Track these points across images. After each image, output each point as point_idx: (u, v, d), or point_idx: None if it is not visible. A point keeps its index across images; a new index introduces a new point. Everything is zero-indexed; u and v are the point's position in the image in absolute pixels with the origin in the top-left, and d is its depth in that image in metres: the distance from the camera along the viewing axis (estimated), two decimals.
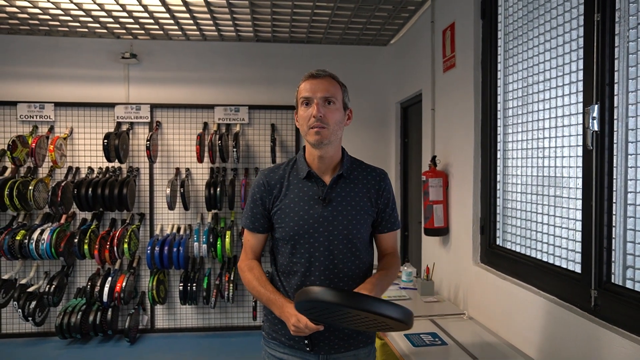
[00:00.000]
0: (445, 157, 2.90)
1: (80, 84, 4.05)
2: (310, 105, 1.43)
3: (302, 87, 1.47)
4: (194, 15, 3.48)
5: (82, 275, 4.09)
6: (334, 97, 1.44)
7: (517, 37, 2.26)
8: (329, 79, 1.47)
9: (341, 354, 1.47)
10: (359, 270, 1.48)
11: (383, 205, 1.53)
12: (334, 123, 1.43)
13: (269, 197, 1.49)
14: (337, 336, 1.46)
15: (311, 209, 1.44)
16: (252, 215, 1.52)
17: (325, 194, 1.45)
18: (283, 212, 1.46)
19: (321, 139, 1.41)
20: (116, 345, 3.88)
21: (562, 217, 1.91)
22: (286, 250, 1.47)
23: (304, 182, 1.48)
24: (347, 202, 1.46)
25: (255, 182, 1.53)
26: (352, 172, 1.52)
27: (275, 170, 1.53)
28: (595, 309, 1.62)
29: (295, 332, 1.34)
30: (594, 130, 1.62)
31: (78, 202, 3.71)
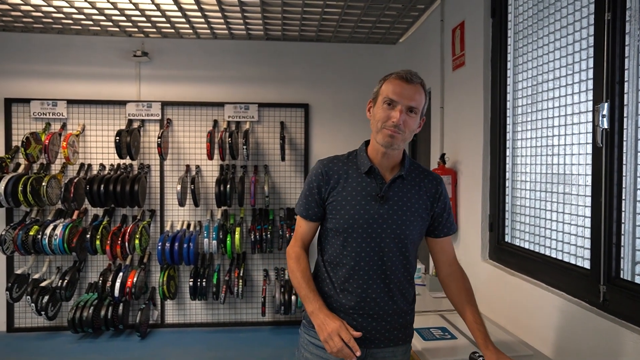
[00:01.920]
0: (454, 154, 2.93)
1: (93, 81, 4.11)
2: (392, 107, 1.41)
3: (390, 86, 1.43)
4: (205, 14, 3.53)
5: (94, 271, 4.15)
6: (417, 108, 1.43)
7: (526, 35, 2.28)
8: (419, 87, 1.44)
9: (380, 349, 1.49)
10: (405, 270, 1.50)
11: (440, 210, 1.54)
12: (409, 131, 1.43)
13: (325, 186, 1.50)
14: (379, 331, 1.48)
15: (367, 204, 1.45)
16: (306, 203, 1.53)
17: (383, 192, 1.46)
18: (339, 204, 1.47)
19: (392, 142, 1.42)
20: (127, 340, 3.94)
21: (571, 214, 1.93)
22: (337, 242, 1.49)
23: (364, 177, 1.48)
24: (403, 202, 1.47)
25: (313, 170, 1.54)
26: (411, 174, 1.52)
27: (335, 161, 1.54)
28: (604, 304, 1.65)
29: (326, 342, 1.35)
30: (603, 128, 1.64)
31: (90, 198, 3.77)
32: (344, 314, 1.47)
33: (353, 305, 1.46)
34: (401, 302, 1.50)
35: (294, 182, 4.29)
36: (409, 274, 1.52)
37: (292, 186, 4.29)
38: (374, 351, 1.48)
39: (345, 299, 1.47)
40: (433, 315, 2.23)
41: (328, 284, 1.51)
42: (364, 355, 1.47)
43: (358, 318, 1.46)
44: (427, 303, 2.46)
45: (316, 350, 1.50)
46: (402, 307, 1.50)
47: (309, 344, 1.53)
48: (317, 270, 1.58)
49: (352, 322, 1.46)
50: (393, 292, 1.47)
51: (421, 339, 1.90)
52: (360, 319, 1.46)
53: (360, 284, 1.46)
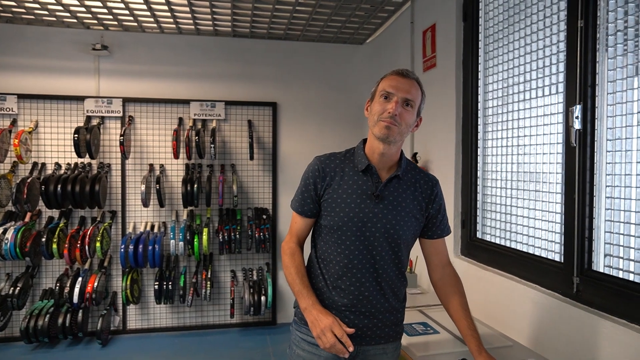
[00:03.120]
0: (425, 153, 3.00)
1: (46, 75, 3.87)
2: (389, 100, 1.43)
3: (386, 81, 1.46)
4: (172, 8, 3.41)
5: (49, 277, 3.91)
6: (413, 101, 1.45)
7: (497, 39, 2.37)
8: (414, 82, 1.47)
9: (372, 346, 1.50)
10: (397, 268, 1.51)
11: (434, 212, 1.55)
12: (405, 124, 1.44)
13: (321, 183, 1.50)
14: (371, 329, 1.49)
15: (363, 203, 1.46)
16: (302, 199, 1.54)
17: (379, 191, 1.47)
18: (334, 202, 1.47)
19: (388, 134, 1.42)
20: (87, 348, 3.75)
21: (542, 210, 2.04)
22: (331, 239, 1.49)
23: (360, 175, 1.49)
24: (398, 202, 1.48)
25: (310, 166, 1.55)
26: (407, 174, 1.53)
27: (332, 158, 1.54)
28: (577, 294, 1.75)
29: (319, 337, 1.37)
30: (577, 128, 1.74)
31: (46, 200, 3.55)
32: (336, 311, 1.47)
33: (345, 303, 1.47)
34: (393, 300, 1.52)
35: (262, 182, 4.24)
36: (401, 272, 1.54)
37: (261, 185, 4.24)
38: (366, 348, 1.50)
39: (338, 296, 1.48)
40: (412, 311, 2.28)
41: (321, 280, 1.52)
42: (355, 352, 1.48)
43: (350, 315, 1.47)
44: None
45: (308, 347, 1.50)
46: (393, 305, 1.52)
47: (301, 340, 1.53)
48: (311, 266, 1.58)
49: (344, 319, 1.47)
50: (385, 290, 1.49)
51: (405, 334, 1.93)
52: (352, 316, 1.47)
53: (353, 281, 1.47)
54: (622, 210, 1.63)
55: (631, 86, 1.60)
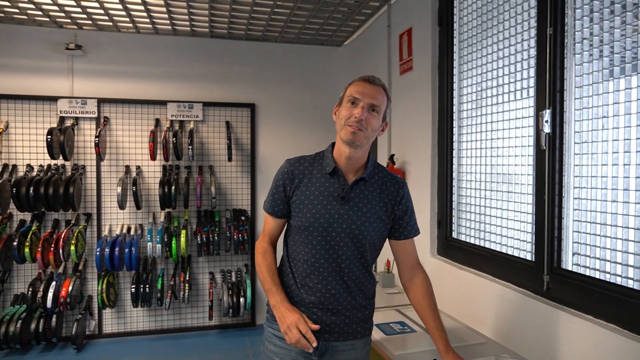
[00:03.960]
0: (403, 155, 3.05)
1: (17, 75, 3.77)
2: (355, 106, 1.49)
3: (352, 87, 1.52)
4: (149, 8, 3.37)
5: (20, 281, 3.81)
6: (379, 107, 1.50)
7: (472, 44, 2.43)
8: (380, 88, 1.52)
9: (340, 342, 1.54)
10: (363, 267, 1.56)
11: (401, 213, 1.59)
12: (371, 129, 1.49)
13: (290, 185, 1.56)
14: (339, 325, 1.53)
15: (329, 204, 1.51)
16: (273, 200, 1.60)
17: (344, 193, 1.52)
18: (302, 203, 1.53)
19: (354, 139, 1.47)
20: (61, 353, 3.67)
21: (514, 211, 2.10)
22: (299, 239, 1.55)
23: (327, 177, 1.54)
24: (364, 204, 1.53)
25: (280, 169, 1.61)
26: (374, 176, 1.58)
27: (301, 161, 1.60)
28: (547, 292, 1.81)
29: (286, 332, 1.43)
30: (547, 132, 1.80)
31: (17, 202, 3.45)
32: (305, 308, 1.53)
33: (313, 300, 1.52)
34: (360, 298, 1.57)
35: (240, 183, 4.22)
36: (368, 271, 1.59)
37: (239, 187, 4.22)
38: (334, 344, 1.54)
39: (306, 294, 1.53)
40: (390, 310, 2.32)
41: (290, 278, 1.57)
42: (324, 348, 1.53)
43: (318, 312, 1.52)
44: (382, 299, 2.55)
45: (279, 342, 1.55)
46: (360, 302, 1.57)
47: (273, 336, 1.58)
48: (282, 264, 1.64)
49: (312, 315, 1.52)
50: (351, 289, 1.54)
51: (383, 333, 1.97)
52: (320, 312, 1.52)
53: (320, 279, 1.52)
54: (589, 211, 1.70)
55: (597, 92, 1.67)
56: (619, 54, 1.57)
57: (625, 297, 1.49)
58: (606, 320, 1.55)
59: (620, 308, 1.50)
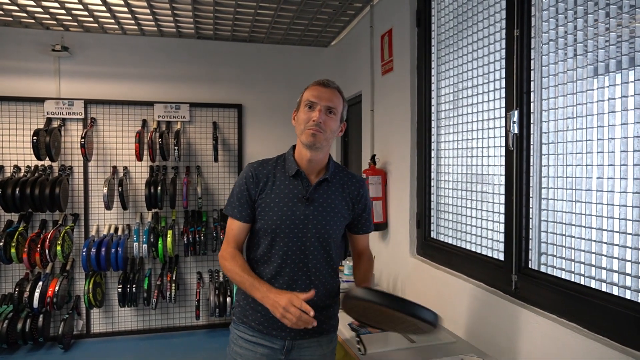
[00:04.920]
0: (384, 155, 3.07)
1: (4, 76, 3.79)
2: (313, 109, 1.52)
3: (308, 91, 1.56)
4: (133, 10, 3.39)
5: (8, 281, 3.83)
6: (336, 109, 1.55)
7: (448, 45, 2.45)
8: (335, 91, 1.57)
9: (306, 339, 1.57)
10: (328, 266, 1.60)
11: (360, 210, 1.66)
12: (330, 131, 1.53)
13: (255, 189, 1.56)
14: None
15: (294, 206, 1.53)
16: (238, 205, 1.58)
17: (309, 194, 1.55)
18: (267, 206, 1.54)
19: (315, 141, 1.51)
20: (48, 353, 3.69)
21: (488, 211, 2.12)
22: (265, 241, 1.56)
23: (291, 180, 1.57)
24: (328, 204, 1.57)
25: (243, 173, 1.61)
26: (335, 176, 1.63)
27: (264, 164, 1.61)
28: (515, 291, 1.83)
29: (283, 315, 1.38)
30: (514, 133, 1.82)
31: (4, 203, 3.48)
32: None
33: None
34: (324, 296, 1.60)
35: (227, 183, 4.24)
36: (332, 269, 1.63)
37: (226, 187, 4.24)
38: (300, 342, 1.57)
39: None
40: None
41: None
42: (290, 346, 1.56)
43: None
44: None
45: (245, 344, 1.57)
46: (325, 301, 1.60)
47: (239, 338, 1.59)
48: None
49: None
50: (317, 287, 1.56)
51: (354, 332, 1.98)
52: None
53: (286, 280, 1.55)
54: (556, 211, 1.71)
55: (563, 93, 1.68)
56: (582, 56, 1.58)
57: (587, 297, 1.50)
58: (569, 319, 1.56)
59: (582, 308, 1.51)
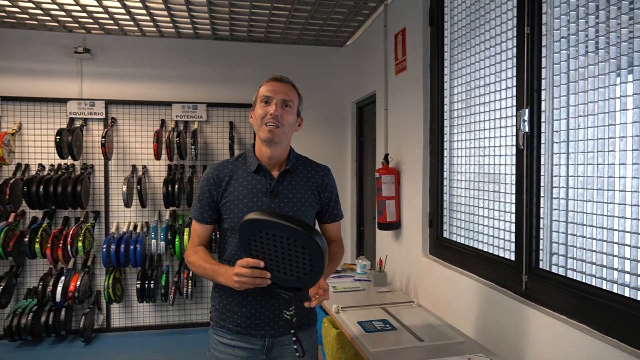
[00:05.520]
0: (398, 155, 3.06)
1: (30, 78, 3.92)
2: (269, 104, 1.53)
3: (263, 87, 1.58)
4: (151, 12, 3.47)
5: (33, 276, 3.97)
6: (292, 102, 1.57)
7: (461, 44, 2.43)
8: (289, 85, 1.60)
9: (285, 336, 1.58)
10: None
11: (327, 199, 1.67)
12: (287, 124, 1.55)
13: (217, 189, 1.57)
14: (281, 318, 1.56)
15: (259, 200, 1.54)
16: (200, 207, 1.59)
17: (272, 187, 1.56)
18: (232, 204, 1.54)
19: (273, 136, 1.52)
20: (70, 346, 3.81)
21: (499, 211, 2.10)
22: (234, 240, 1.56)
23: (253, 175, 1.57)
24: (293, 194, 1.58)
25: (204, 175, 1.61)
26: (298, 167, 1.64)
27: (225, 164, 1.62)
28: (525, 292, 1.81)
29: (239, 281, 1.37)
30: (524, 131, 1.80)
31: (28, 200, 3.61)
32: (246, 309, 1.54)
33: (254, 297, 1.54)
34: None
35: None
36: None
37: None
38: (280, 339, 1.58)
39: (246, 292, 1.54)
40: (376, 308, 2.35)
41: None
42: (270, 344, 1.56)
43: (261, 309, 1.54)
44: (371, 297, 2.57)
45: (224, 349, 1.57)
46: (300, 295, 1.54)
47: (218, 343, 1.59)
48: None
49: (256, 313, 1.54)
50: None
51: (363, 330, 2.00)
52: (263, 309, 1.54)
53: None
54: (567, 211, 1.69)
55: (574, 90, 1.65)
56: (594, 53, 1.56)
57: (599, 298, 1.48)
58: (579, 320, 1.54)
59: (593, 309, 1.49)
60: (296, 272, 1.37)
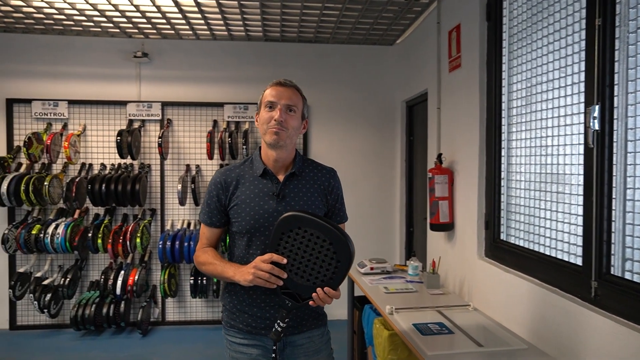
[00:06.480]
0: (451, 154, 2.99)
1: (93, 82, 4.15)
2: (273, 109, 1.55)
3: (268, 92, 1.59)
4: (205, 15, 3.57)
5: (95, 269, 4.19)
6: (296, 107, 1.58)
7: (521, 38, 2.34)
8: (293, 89, 1.60)
9: (296, 335, 1.58)
10: None
11: (333, 201, 1.67)
12: (292, 128, 1.56)
13: (225, 194, 1.59)
14: (293, 319, 1.56)
15: (266, 204, 1.55)
16: (209, 212, 1.62)
17: (279, 190, 1.57)
18: (239, 208, 1.56)
19: (278, 140, 1.54)
20: (128, 337, 3.99)
21: (564, 213, 2.00)
22: (242, 243, 1.58)
23: (260, 179, 1.59)
24: (300, 197, 1.59)
25: (212, 180, 1.64)
26: (304, 170, 1.65)
27: (232, 169, 1.64)
28: (595, 299, 1.71)
29: (255, 274, 1.38)
30: (594, 129, 1.70)
31: (92, 198, 3.82)
32: (257, 308, 1.56)
33: (264, 299, 1.55)
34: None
35: None
36: None
37: None
38: (292, 339, 1.58)
39: (255, 294, 1.56)
40: (431, 311, 2.30)
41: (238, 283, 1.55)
42: (282, 344, 1.57)
43: (270, 310, 1.55)
44: (424, 299, 2.53)
45: (239, 348, 1.59)
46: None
47: (232, 343, 1.62)
48: None
49: (265, 313, 1.55)
50: None
51: (420, 333, 1.96)
52: (272, 310, 1.55)
53: None
54: None
55: None
56: None
57: None
58: None
59: None
60: (314, 278, 1.39)
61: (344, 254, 1.35)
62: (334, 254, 1.35)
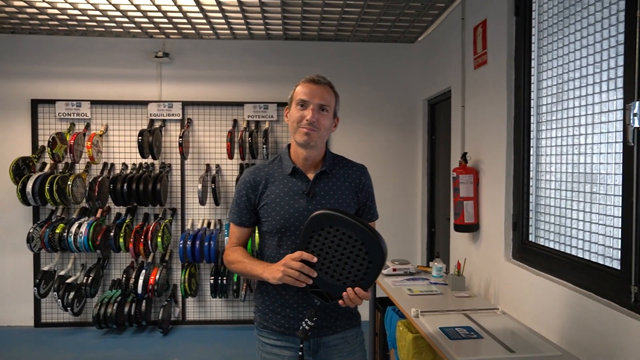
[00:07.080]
0: (476, 153, 2.91)
1: (115, 82, 4.19)
2: (305, 108, 1.51)
3: (300, 89, 1.55)
4: (226, 15, 3.56)
5: (117, 268, 4.23)
6: (328, 106, 1.55)
7: (552, 33, 2.26)
8: (327, 87, 1.57)
9: (330, 336, 1.54)
10: None
11: (364, 199, 1.62)
12: (324, 128, 1.53)
13: (254, 193, 1.56)
14: (325, 319, 1.52)
15: (296, 203, 1.52)
16: (238, 211, 1.60)
17: (309, 189, 1.53)
18: (269, 207, 1.53)
19: (309, 140, 1.50)
20: (150, 336, 4.02)
21: (599, 214, 1.92)
22: (273, 242, 1.54)
23: (289, 178, 1.56)
24: (330, 195, 1.55)
25: (242, 179, 1.61)
26: (334, 167, 1.61)
27: (261, 167, 1.61)
28: (635, 304, 1.63)
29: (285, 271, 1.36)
30: (635, 126, 1.62)
31: (114, 197, 3.85)
32: (290, 309, 1.52)
33: (296, 300, 1.52)
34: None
35: None
36: None
37: None
38: (326, 339, 1.54)
39: (288, 295, 1.52)
40: (457, 314, 2.24)
41: (270, 284, 1.51)
42: (316, 346, 1.53)
43: (303, 311, 1.51)
44: (449, 302, 2.46)
45: (272, 349, 1.56)
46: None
47: (264, 344, 1.58)
48: None
49: (298, 314, 1.51)
50: None
51: (447, 337, 1.90)
52: (305, 310, 1.49)
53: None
54: None
55: None
56: None
57: None
58: None
59: None
60: (345, 278, 1.35)
61: (376, 255, 1.32)
62: (366, 254, 1.32)
